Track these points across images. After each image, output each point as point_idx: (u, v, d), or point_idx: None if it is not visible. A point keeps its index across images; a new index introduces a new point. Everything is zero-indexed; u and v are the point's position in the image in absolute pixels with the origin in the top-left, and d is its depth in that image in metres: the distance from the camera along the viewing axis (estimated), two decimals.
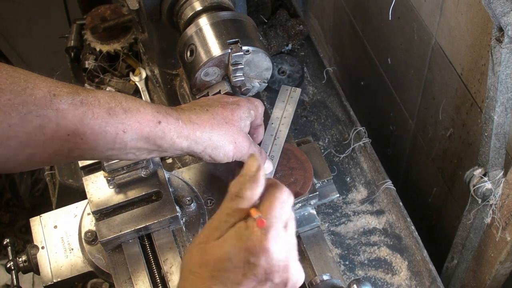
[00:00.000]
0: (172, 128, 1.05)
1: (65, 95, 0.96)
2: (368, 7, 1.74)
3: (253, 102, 1.21)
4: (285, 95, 1.40)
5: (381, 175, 1.48)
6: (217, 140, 1.11)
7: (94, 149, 1.01)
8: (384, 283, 1.37)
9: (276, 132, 1.33)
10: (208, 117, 1.11)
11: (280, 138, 1.32)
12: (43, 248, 1.27)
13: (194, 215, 1.23)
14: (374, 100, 1.93)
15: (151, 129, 1.03)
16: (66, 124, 0.96)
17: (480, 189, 1.23)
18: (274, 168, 1.28)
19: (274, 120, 1.35)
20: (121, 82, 1.77)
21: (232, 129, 1.13)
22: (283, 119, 1.35)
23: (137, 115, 1.02)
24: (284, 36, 1.74)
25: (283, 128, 1.34)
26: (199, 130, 1.09)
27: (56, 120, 0.95)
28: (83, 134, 0.97)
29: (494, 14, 0.99)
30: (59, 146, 0.97)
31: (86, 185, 1.22)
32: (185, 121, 1.08)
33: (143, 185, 1.21)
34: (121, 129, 1.00)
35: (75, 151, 0.99)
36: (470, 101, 1.35)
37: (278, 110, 1.37)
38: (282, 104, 1.39)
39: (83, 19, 1.85)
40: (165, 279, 1.14)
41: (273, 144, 1.31)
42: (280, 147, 1.31)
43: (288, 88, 1.42)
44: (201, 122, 1.10)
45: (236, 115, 1.15)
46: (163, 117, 1.05)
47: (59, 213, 1.31)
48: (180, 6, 1.28)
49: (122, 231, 1.16)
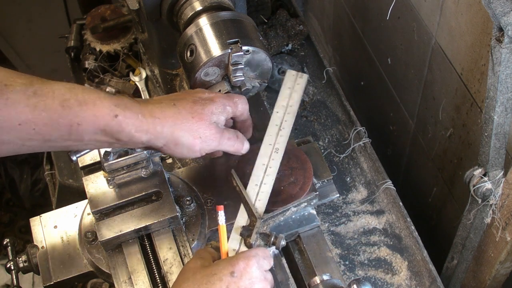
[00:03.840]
0: (129, 122, 1.04)
1: (18, 86, 0.95)
2: (368, 7, 1.74)
3: (231, 98, 1.18)
4: (291, 81, 1.31)
5: (381, 175, 1.48)
6: (180, 136, 1.09)
7: (48, 140, 1.00)
8: (384, 283, 1.37)
9: (282, 122, 1.26)
10: (173, 112, 1.09)
11: (285, 128, 1.26)
12: (43, 248, 1.27)
13: (194, 215, 1.23)
14: (374, 100, 1.93)
15: (107, 122, 1.02)
16: (16, 114, 0.95)
17: (480, 189, 1.23)
18: (278, 163, 1.23)
19: (279, 108, 1.28)
20: (121, 82, 1.77)
21: (198, 124, 1.10)
22: (288, 108, 1.28)
23: (93, 108, 1.00)
24: (284, 36, 1.74)
25: (289, 118, 1.27)
26: (159, 125, 1.07)
27: (6, 110, 0.94)
28: (35, 124, 0.97)
29: (494, 14, 0.99)
30: (9, 135, 0.97)
31: (86, 185, 1.22)
32: (145, 115, 1.06)
33: (143, 185, 1.21)
34: (75, 121, 0.99)
35: (29, 141, 0.99)
36: (470, 101, 1.35)
37: (284, 98, 1.29)
38: (288, 91, 1.30)
39: (83, 19, 1.85)
40: (165, 279, 1.14)
41: (278, 135, 1.25)
42: (286, 139, 1.25)
43: (295, 74, 1.33)
44: (163, 117, 1.08)
45: (207, 110, 1.12)
46: (121, 110, 1.03)
47: (59, 213, 1.31)
48: (180, 6, 1.28)
49: (122, 231, 1.16)
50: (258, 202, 1.19)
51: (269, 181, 1.21)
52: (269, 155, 1.24)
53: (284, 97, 1.29)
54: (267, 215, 1.17)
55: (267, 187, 1.21)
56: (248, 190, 1.20)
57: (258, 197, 1.19)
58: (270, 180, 1.22)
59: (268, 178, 1.21)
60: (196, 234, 1.21)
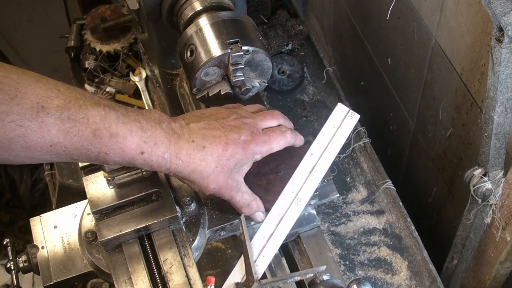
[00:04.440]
0: (154, 159, 1.06)
1: (54, 109, 0.96)
2: (368, 7, 1.74)
3: (270, 142, 1.12)
4: (338, 119, 1.14)
5: (381, 175, 1.48)
6: (196, 179, 1.10)
7: (76, 160, 1.04)
8: (384, 283, 1.37)
9: (313, 167, 1.09)
10: (199, 158, 1.08)
11: (314, 176, 1.08)
12: (43, 248, 1.26)
13: (194, 215, 1.23)
14: (374, 100, 1.93)
15: (133, 156, 1.04)
16: (49, 137, 0.96)
17: (480, 189, 1.23)
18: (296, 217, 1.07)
19: (315, 149, 1.11)
20: (121, 82, 1.77)
21: (217, 173, 1.10)
22: (326, 152, 1.10)
23: (122, 142, 1.02)
24: (284, 36, 1.74)
25: (323, 165, 1.09)
26: (181, 167, 1.08)
27: (40, 132, 0.95)
28: (65, 147, 0.98)
29: (494, 14, 0.99)
30: (40, 153, 0.98)
31: (86, 185, 1.22)
32: (171, 155, 1.06)
33: (143, 185, 1.21)
34: (103, 151, 1.02)
35: (57, 158, 1.01)
36: (470, 101, 1.35)
37: (324, 138, 1.13)
38: (331, 131, 1.12)
39: (83, 19, 1.85)
40: (165, 279, 1.14)
41: (304, 183, 1.09)
42: (313, 190, 1.09)
43: (345, 111, 1.15)
44: (187, 161, 1.08)
45: (234, 161, 1.10)
46: (148, 147, 1.04)
47: (59, 213, 1.31)
48: (180, 6, 1.28)
49: (122, 231, 1.16)
50: (261, 259, 1.08)
51: (280, 237, 1.09)
52: (288, 205, 1.10)
53: (324, 137, 1.13)
54: (266, 280, 1.05)
55: (275, 243, 1.09)
56: (253, 241, 1.09)
57: (262, 253, 1.09)
58: (281, 236, 1.09)
59: (279, 233, 1.09)
60: (196, 234, 1.21)
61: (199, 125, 1.12)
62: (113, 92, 1.76)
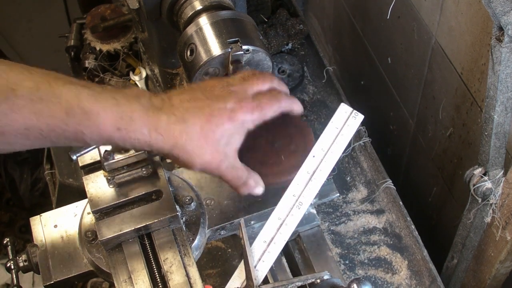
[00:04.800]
0: (132, 136, 0.99)
1: (25, 90, 0.93)
2: (368, 6, 1.74)
3: (261, 108, 1.03)
4: (341, 120, 1.10)
5: (381, 174, 1.48)
6: (178, 155, 1.02)
7: (56, 142, 0.99)
8: (384, 283, 1.37)
9: (315, 170, 1.06)
10: (179, 131, 1.01)
11: (317, 179, 1.06)
12: (43, 248, 1.26)
13: (194, 214, 1.23)
14: (374, 99, 1.93)
15: (110, 134, 0.99)
16: (23, 120, 0.94)
17: (480, 188, 1.23)
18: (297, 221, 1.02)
19: (317, 151, 1.07)
20: (121, 82, 1.77)
21: (202, 147, 1.01)
22: (329, 153, 1.06)
23: (96, 119, 0.97)
24: (284, 35, 1.74)
25: (325, 167, 1.05)
26: (161, 142, 1.01)
27: (12, 115, 0.93)
28: (41, 130, 0.95)
29: (494, 13, 0.99)
30: (17, 138, 0.96)
31: (86, 184, 1.22)
32: (150, 129, 1.00)
33: (143, 184, 1.21)
34: (80, 129, 0.97)
35: (37, 141, 0.98)
36: (470, 100, 1.35)
37: (326, 139, 1.09)
38: (333, 132, 1.08)
39: (83, 18, 1.85)
40: (165, 279, 1.14)
41: (306, 186, 1.06)
42: (315, 193, 1.06)
43: (348, 111, 1.11)
44: (167, 135, 1.01)
45: (219, 133, 1.02)
46: (124, 123, 0.98)
47: (59, 213, 1.31)
48: (180, 5, 1.28)
49: (122, 230, 1.16)
50: (261, 264, 1.04)
51: (280, 241, 1.06)
52: (289, 209, 1.07)
53: (326, 139, 1.08)
54: (266, 286, 1.03)
55: (276, 248, 1.06)
56: (253, 246, 1.06)
57: (262, 258, 1.05)
58: (282, 240, 1.06)
59: (280, 237, 1.06)
60: (196, 234, 1.21)
61: (181, 98, 1.04)
62: None
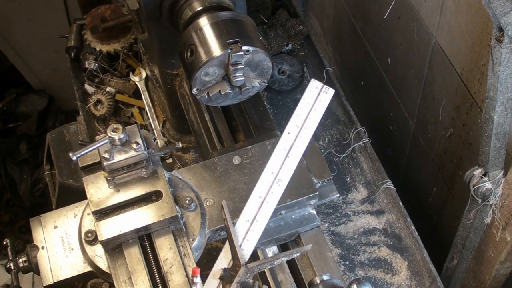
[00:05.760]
0: None
1: None
2: (368, 7, 1.74)
3: None
4: (312, 96, 1.08)
5: (381, 175, 1.48)
6: None
7: None
8: (384, 283, 1.37)
9: (291, 147, 1.04)
10: None
11: (293, 156, 1.04)
12: (43, 248, 1.26)
13: (194, 215, 1.23)
14: (374, 100, 1.93)
15: None
16: None
17: (480, 189, 1.23)
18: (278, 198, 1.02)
19: (291, 128, 1.04)
20: (121, 82, 1.77)
21: None
22: (303, 130, 1.05)
23: None
24: (284, 36, 1.74)
25: (300, 143, 1.04)
26: None
27: None
28: None
29: (494, 14, 0.99)
30: None
31: (86, 185, 1.22)
32: None
33: (143, 185, 1.21)
34: None
35: None
36: (470, 101, 1.35)
37: (299, 115, 1.06)
38: (306, 108, 1.07)
39: (83, 19, 1.85)
40: (165, 279, 1.14)
41: (283, 163, 1.04)
42: (292, 169, 1.04)
43: (319, 86, 1.09)
44: None
45: None
46: None
47: (59, 213, 1.31)
48: (180, 6, 1.28)
49: (122, 231, 1.16)
50: (246, 243, 1.04)
51: (263, 219, 1.06)
52: (268, 186, 1.06)
53: (300, 115, 1.07)
54: (253, 264, 1.03)
55: (259, 226, 1.05)
56: (237, 226, 1.05)
57: (247, 236, 1.05)
58: (265, 218, 1.06)
59: (262, 215, 1.06)
60: (196, 234, 1.21)
61: None
62: (113, 92, 1.76)
